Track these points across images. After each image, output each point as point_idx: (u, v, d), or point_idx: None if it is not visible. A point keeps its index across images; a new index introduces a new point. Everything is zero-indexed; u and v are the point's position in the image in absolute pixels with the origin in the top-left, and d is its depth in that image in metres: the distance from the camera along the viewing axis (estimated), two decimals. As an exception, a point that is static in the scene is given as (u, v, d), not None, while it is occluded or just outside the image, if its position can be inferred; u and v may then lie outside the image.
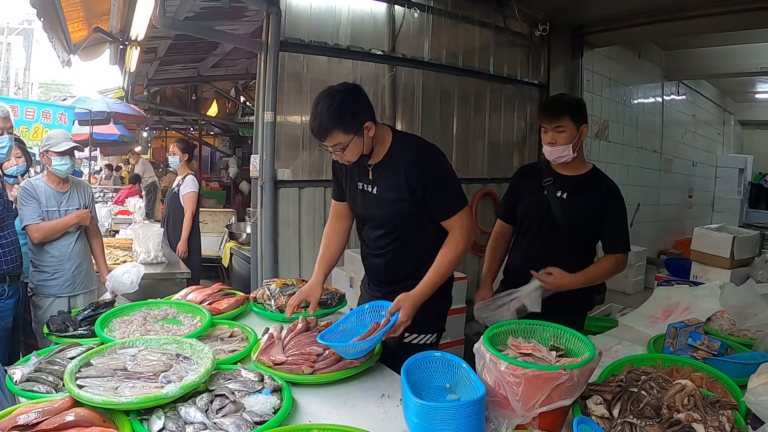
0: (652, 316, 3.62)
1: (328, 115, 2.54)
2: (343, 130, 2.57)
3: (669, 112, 11.24)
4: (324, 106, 2.56)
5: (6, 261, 3.70)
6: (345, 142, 2.60)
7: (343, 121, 2.55)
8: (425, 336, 2.91)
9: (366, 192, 2.88)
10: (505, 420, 1.91)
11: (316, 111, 2.58)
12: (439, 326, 3.03)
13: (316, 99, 2.62)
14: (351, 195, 3.00)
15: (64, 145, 4.16)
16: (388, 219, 2.85)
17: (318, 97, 2.62)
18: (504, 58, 7.28)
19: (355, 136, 2.60)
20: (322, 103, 2.58)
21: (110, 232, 7.52)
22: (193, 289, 3.49)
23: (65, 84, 34.99)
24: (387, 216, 2.84)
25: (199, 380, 2.05)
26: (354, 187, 2.95)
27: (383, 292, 2.99)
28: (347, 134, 2.58)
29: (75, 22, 6.73)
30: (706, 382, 2.24)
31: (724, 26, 7.29)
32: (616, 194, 3.17)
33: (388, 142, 2.80)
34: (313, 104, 2.62)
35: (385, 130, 2.82)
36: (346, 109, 2.57)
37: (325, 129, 2.56)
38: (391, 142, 2.80)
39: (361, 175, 2.89)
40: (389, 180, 2.77)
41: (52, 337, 2.86)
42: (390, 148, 2.79)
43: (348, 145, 2.61)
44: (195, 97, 13.84)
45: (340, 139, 2.58)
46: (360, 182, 2.91)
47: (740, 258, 5.90)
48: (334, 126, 2.55)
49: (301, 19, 5.49)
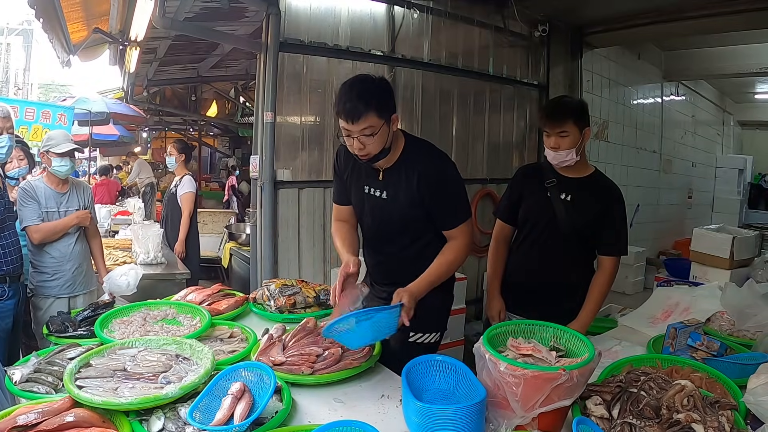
0: (651, 316, 3.61)
1: (365, 95, 2.47)
2: (377, 112, 2.48)
3: (668, 113, 11.25)
4: (359, 87, 2.51)
5: (6, 262, 3.70)
6: (376, 127, 2.50)
7: (379, 103, 2.49)
8: (429, 335, 2.90)
9: (373, 197, 2.83)
10: (504, 420, 1.91)
11: (350, 93, 2.49)
12: (442, 325, 3.02)
13: (345, 83, 2.56)
14: (356, 198, 2.94)
15: (64, 147, 4.15)
16: (398, 225, 2.82)
17: (349, 81, 2.57)
18: (503, 58, 7.28)
19: (384, 123, 2.53)
20: (356, 85, 2.52)
21: (110, 232, 7.51)
22: (193, 290, 3.49)
23: (65, 84, 34.96)
24: (396, 222, 2.81)
25: (198, 381, 2.05)
26: (359, 191, 2.89)
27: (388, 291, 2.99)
28: (380, 119, 2.50)
29: (74, 23, 6.73)
30: (705, 382, 2.24)
31: (723, 27, 7.30)
32: (619, 196, 3.16)
33: (401, 146, 2.76)
34: (342, 88, 2.54)
35: (398, 133, 2.78)
36: (383, 93, 2.55)
37: (360, 109, 2.46)
38: (404, 146, 2.77)
39: (369, 178, 2.83)
40: (402, 186, 2.73)
41: (52, 337, 2.86)
42: (403, 153, 2.75)
43: (378, 131, 2.51)
44: (195, 97, 13.84)
45: (372, 122, 2.49)
46: (367, 186, 2.85)
47: (740, 258, 5.91)
48: (370, 107, 2.46)
49: (301, 20, 5.49)
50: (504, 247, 3.50)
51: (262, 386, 2.08)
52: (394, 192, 2.76)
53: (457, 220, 2.74)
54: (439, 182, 2.71)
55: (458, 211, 2.75)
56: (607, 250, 3.15)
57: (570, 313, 3.09)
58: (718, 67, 10.16)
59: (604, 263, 3.16)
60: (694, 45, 9.96)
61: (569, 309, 3.12)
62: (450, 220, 2.74)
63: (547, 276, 3.22)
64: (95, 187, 11.56)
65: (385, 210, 2.81)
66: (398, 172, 2.74)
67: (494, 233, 3.54)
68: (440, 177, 2.72)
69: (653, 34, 8.32)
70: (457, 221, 2.73)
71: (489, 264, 3.53)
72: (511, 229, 3.48)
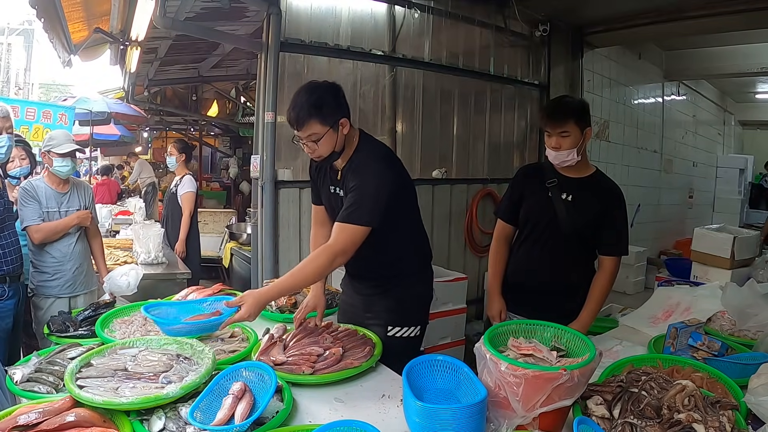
0: (652, 316, 3.61)
1: (307, 104, 2.60)
2: (320, 120, 2.61)
3: (669, 113, 11.25)
4: (304, 96, 2.62)
5: (6, 262, 3.70)
6: (320, 134, 2.62)
7: (320, 111, 2.60)
8: (408, 329, 2.94)
9: (336, 195, 2.89)
10: (505, 420, 1.91)
11: (295, 101, 2.64)
12: (422, 318, 3.05)
13: (296, 91, 2.68)
14: (325, 198, 3.03)
15: (66, 147, 4.15)
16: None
17: (299, 89, 2.69)
18: (504, 58, 7.27)
19: (330, 129, 2.63)
20: (302, 93, 2.64)
21: (110, 232, 7.52)
22: (194, 290, 3.50)
23: (66, 84, 34.93)
24: None
25: (199, 380, 2.05)
26: (326, 191, 2.98)
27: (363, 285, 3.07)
28: (323, 126, 2.62)
29: (75, 23, 6.73)
30: (706, 382, 2.24)
31: (724, 27, 7.30)
32: (620, 196, 3.16)
33: (355, 146, 2.82)
34: (293, 96, 2.67)
35: (356, 133, 2.85)
36: (325, 101, 2.63)
37: (302, 118, 2.61)
38: (356, 145, 2.83)
39: (331, 177, 2.91)
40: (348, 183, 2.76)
41: (53, 337, 2.86)
42: (354, 152, 2.81)
43: (322, 137, 2.63)
44: (195, 97, 13.84)
45: (315, 129, 2.62)
46: (331, 186, 2.92)
47: (740, 258, 5.91)
48: (311, 115, 2.59)
49: (302, 20, 5.49)
50: (505, 247, 3.49)
51: (263, 386, 2.08)
52: (345, 190, 2.80)
53: (349, 216, 2.62)
54: (357, 176, 2.69)
55: (354, 207, 2.62)
56: (607, 250, 3.15)
57: (571, 313, 3.09)
58: (718, 66, 10.15)
59: (605, 263, 3.16)
60: (695, 45, 9.95)
61: (570, 309, 3.12)
62: (344, 213, 2.65)
63: (547, 276, 3.22)
64: (96, 187, 11.57)
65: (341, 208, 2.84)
66: (349, 170, 2.79)
67: (495, 233, 3.54)
68: (361, 172, 2.70)
69: (654, 34, 8.32)
70: (348, 218, 2.62)
71: (490, 264, 3.52)
72: (512, 228, 3.47)
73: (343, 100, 2.73)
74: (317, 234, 3.18)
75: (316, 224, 3.21)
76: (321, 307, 2.98)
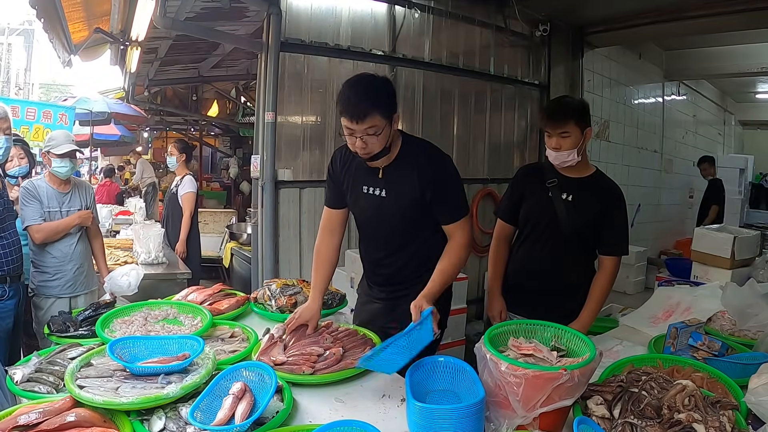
0: (652, 316, 3.60)
1: (371, 94, 2.50)
2: (381, 112, 2.50)
3: (669, 113, 11.25)
4: (362, 86, 2.53)
5: (7, 262, 3.70)
6: (380, 127, 2.52)
7: (383, 103, 2.51)
8: None
9: (373, 196, 2.83)
10: (505, 420, 1.91)
11: (353, 91, 2.51)
12: (443, 322, 3.00)
13: (347, 82, 2.57)
14: (353, 198, 2.94)
15: (65, 148, 4.15)
16: (397, 223, 2.83)
17: (353, 79, 2.58)
18: (504, 58, 7.29)
19: (387, 123, 2.55)
20: (359, 84, 2.54)
21: (111, 232, 7.51)
22: (194, 290, 3.49)
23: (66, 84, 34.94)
24: (396, 220, 2.82)
25: (199, 381, 2.05)
26: (358, 193, 2.89)
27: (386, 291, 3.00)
28: (383, 118, 2.52)
29: (75, 23, 6.73)
30: (706, 382, 2.24)
31: (724, 26, 7.30)
32: (620, 196, 3.15)
33: (399, 144, 2.78)
34: (345, 87, 2.55)
35: (396, 132, 2.78)
36: (387, 92, 2.57)
37: (365, 109, 2.47)
38: (401, 144, 2.78)
39: (368, 178, 2.84)
40: (402, 183, 2.74)
41: (53, 337, 2.86)
42: (401, 151, 2.77)
43: (382, 130, 2.53)
44: (195, 97, 13.86)
45: (376, 122, 2.50)
46: (365, 186, 2.85)
47: (741, 258, 5.89)
48: (375, 106, 2.48)
49: (302, 20, 5.50)
50: (505, 247, 3.49)
51: (263, 386, 2.08)
52: (394, 190, 2.77)
53: (457, 214, 2.75)
54: (439, 177, 2.73)
55: (458, 206, 2.77)
56: (608, 250, 3.15)
57: (571, 312, 3.09)
58: (719, 66, 10.15)
59: (605, 263, 3.15)
60: (695, 45, 9.96)
61: (570, 309, 3.11)
62: (449, 215, 2.76)
63: (548, 276, 3.22)
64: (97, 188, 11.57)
65: (385, 208, 2.82)
66: (397, 169, 2.76)
67: (495, 233, 3.53)
68: (439, 172, 2.74)
69: (654, 34, 8.32)
70: (457, 216, 2.75)
71: (490, 264, 3.52)
72: (512, 228, 3.46)
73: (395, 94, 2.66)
74: (325, 242, 3.05)
75: (326, 231, 3.06)
76: (314, 321, 2.84)
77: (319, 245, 3.06)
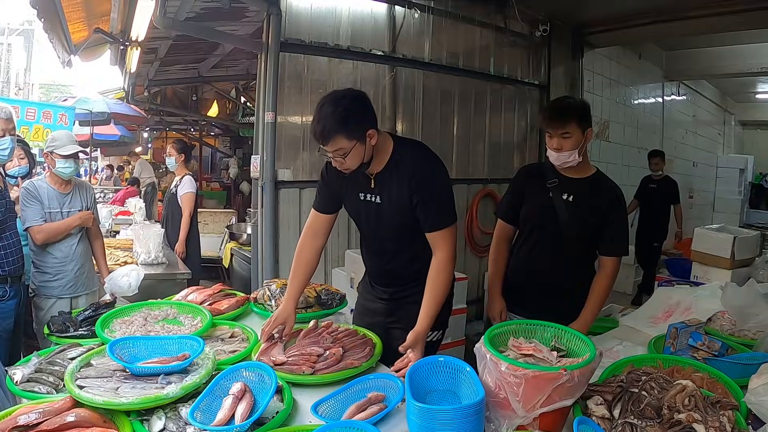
0: (652, 316, 3.61)
1: (332, 119, 2.47)
2: (346, 135, 2.49)
3: (669, 113, 11.26)
4: (328, 110, 2.49)
5: (8, 262, 3.70)
6: (347, 149, 2.52)
7: (346, 126, 2.49)
8: (432, 333, 2.90)
9: (369, 202, 2.83)
10: (505, 421, 1.91)
11: (319, 114, 2.51)
12: (444, 323, 3.03)
13: (320, 102, 2.55)
14: (352, 206, 2.94)
15: (69, 149, 4.14)
16: (394, 228, 2.82)
17: (322, 100, 2.56)
18: (504, 58, 7.29)
19: (357, 143, 2.53)
20: (326, 106, 2.51)
21: (111, 232, 7.51)
22: (194, 290, 3.49)
23: (66, 85, 34.92)
24: (392, 225, 2.81)
25: (199, 381, 2.06)
26: (355, 200, 2.88)
27: (389, 292, 3.01)
28: (350, 140, 2.51)
29: (75, 23, 6.73)
30: (706, 382, 2.24)
31: (724, 26, 7.32)
32: (620, 197, 3.15)
33: (390, 150, 2.75)
34: (316, 107, 2.55)
35: (386, 137, 2.77)
36: (351, 115, 2.51)
37: (327, 133, 2.48)
38: (392, 149, 2.76)
39: (362, 185, 2.83)
40: (394, 189, 2.73)
41: (53, 337, 2.86)
42: (392, 156, 2.75)
43: (350, 151, 2.53)
44: (195, 97, 13.87)
45: (342, 144, 2.51)
46: (361, 193, 2.85)
47: (741, 258, 5.91)
48: (337, 131, 2.48)
49: (302, 20, 5.49)
50: (505, 247, 3.49)
51: (263, 386, 2.08)
52: (387, 195, 2.76)
53: (438, 223, 2.70)
54: (426, 179, 2.69)
55: (441, 214, 2.71)
56: (608, 250, 3.14)
57: (571, 313, 3.08)
58: (719, 66, 10.17)
59: (605, 263, 3.15)
60: (695, 45, 9.98)
61: (570, 309, 3.10)
62: (430, 223, 2.71)
63: (548, 276, 3.21)
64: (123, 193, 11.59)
65: (380, 214, 2.81)
66: (389, 175, 2.74)
67: (495, 233, 3.53)
68: (427, 176, 2.70)
69: (653, 34, 8.33)
70: (438, 224, 2.70)
71: (490, 264, 3.52)
72: (513, 229, 3.46)
73: (369, 110, 2.62)
74: (307, 246, 3.02)
75: (309, 234, 3.02)
76: (291, 323, 2.81)
77: (301, 247, 3.03)
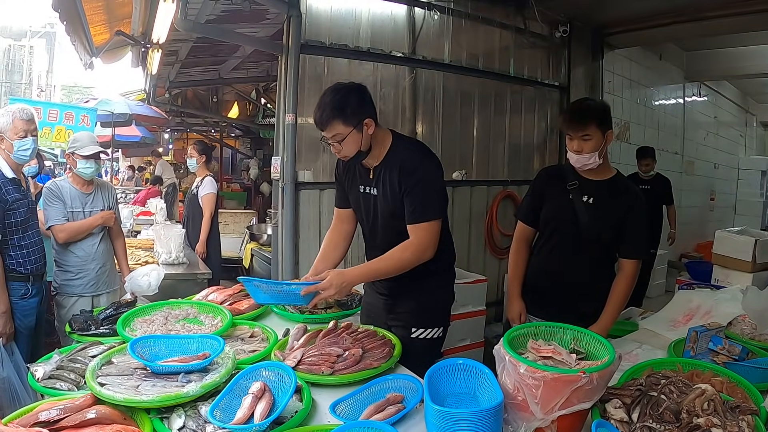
0: (672, 319, 3.58)
1: (330, 105, 2.68)
2: (342, 121, 2.68)
3: (690, 114, 11.16)
4: (328, 97, 2.71)
5: (30, 261, 3.76)
6: (343, 134, 2.71)
7: (343, 112, 2.67)
8: (431, 330, 2.96)
9: (367, 195, 2.95)
10: (524, 423, 1.91)
11: (320, 102, 2.73)
12: (444, 319, 3.08)
13: (323, 92, 2.78)
14: (353, 199, 3.08)
15: (90, 149, 4.20)
16: (389, 220, 2.90)
17: (325, 90, 2.79)
18: (524, 59, 7.27)
19: (354, 129, 2.71)
20: (327, 94, 2.74)
21: (132, 232, 7.57)
22: (214, 290, 3.51)
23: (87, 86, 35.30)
24: (387, 217, 2.90)
25: (219, 380, 2.07)
26: (356, 191, 3.02)
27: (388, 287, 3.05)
28: (346, 126, 2.69)
29: (97, 25, 6.79)
30: (726, 386, 2.22)
31: (745, 27, 7.25)
32: (640, 199, 3.13)
33: (388, 144, 2.87)
34: (320, 97, 2.76)
35: (386, 132, 2.90)
36: (349, 102, 2.70)
37: (326, 119, 2.69)
38: (390, 144, 2.87)
39: (362, 178, 2.96)
40: (387, 180, 2.83)
41: (74, 335, 2.89)
42: (389, 151, 2.86)
43: (346, 137, 2.71)
44: (216, 99, 13.94)
45: (339, 129, 2.70)
46: (362, 186, 2.97)
47: (762, 261, 5.83)
48: (334, 116, 2.68)
49: (322, 22, 5.52)
50: (525, 249, 3.48)
51: (283, 386, 2.09)
52: (383, 187, 2.86)
53: (419, 216, 2.76)
54: (414, 171, 2.76)
55: (423, 207, 2.77)
56: (627, 252, 3.12)
57: (591, 315, 3.07)
58: (740, 67, 10.06)
59: (625, 266, 3.13)
60: (716, 45, 9.88)
61: (590, 312, 3.09)
62: (411, 215, 2.77)
63: (568, 278, 3.20)
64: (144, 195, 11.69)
65: (377, 206, 2.93)
66: (385, 169, 2.85)
67: (515, 235, 3.52)
68: (416, 166, 2.78)
69: (673, 35, 8.27)
70: (418, 217, 2.76)
71: (510, 266, 3.51)
72: (533, 231, 3.45)
73: (367, 100, 2.79)
74: (336, 229, 3.29)
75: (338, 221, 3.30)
76: None
77: (328, 232, 3.34)
